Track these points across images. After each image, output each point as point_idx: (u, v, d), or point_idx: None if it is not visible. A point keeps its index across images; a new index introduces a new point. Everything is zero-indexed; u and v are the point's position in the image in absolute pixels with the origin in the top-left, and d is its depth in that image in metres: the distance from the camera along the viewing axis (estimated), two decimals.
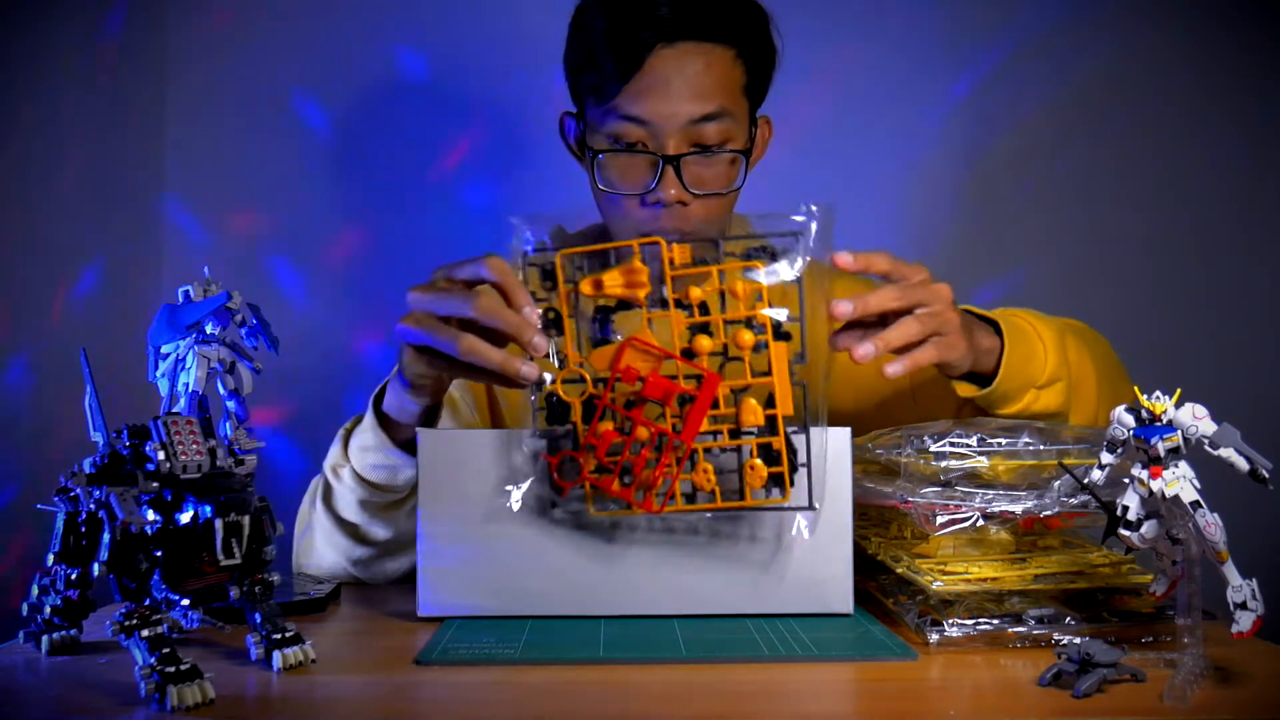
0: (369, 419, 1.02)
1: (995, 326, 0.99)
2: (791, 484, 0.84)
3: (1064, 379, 1.02)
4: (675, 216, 1.11)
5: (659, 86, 1.08)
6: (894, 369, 0.88)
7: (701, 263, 0.86)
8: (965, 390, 1.00)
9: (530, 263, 0.87)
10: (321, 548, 1.08)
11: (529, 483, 0.87)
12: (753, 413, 0.84)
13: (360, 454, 1.02)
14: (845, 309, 0.87)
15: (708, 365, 0.85)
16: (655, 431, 0.84)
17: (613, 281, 0.86)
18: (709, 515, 0.86)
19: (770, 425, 0.84)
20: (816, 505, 0.85)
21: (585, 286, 0.86)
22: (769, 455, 0.84)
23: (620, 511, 0.85)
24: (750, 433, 0.85)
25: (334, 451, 1.06)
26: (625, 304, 0.87)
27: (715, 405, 0.84)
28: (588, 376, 0.86)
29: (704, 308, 0.86)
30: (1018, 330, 1.00)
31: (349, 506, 1.05)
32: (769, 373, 0.84)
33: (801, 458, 0.85)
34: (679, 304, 0.86)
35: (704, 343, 0.85)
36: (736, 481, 0.85)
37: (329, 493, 1.06)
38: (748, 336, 0.84)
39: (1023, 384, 0.99)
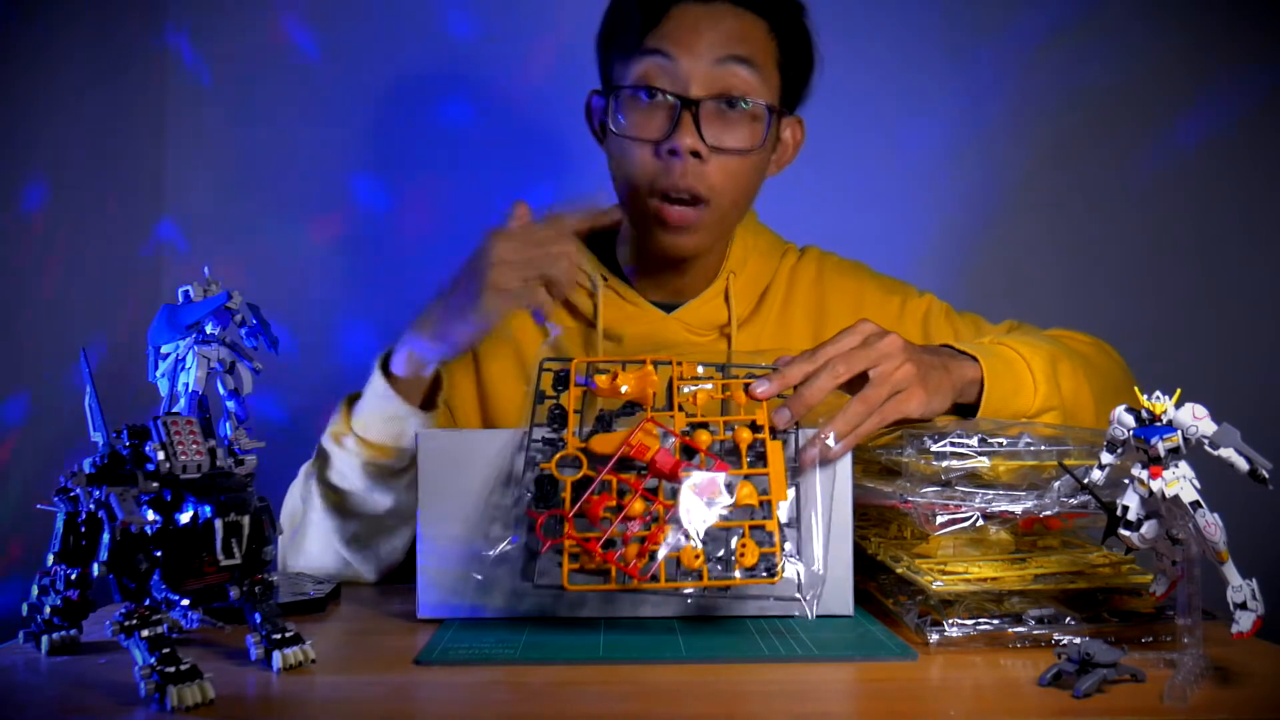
0: (377, 376, 1.02)
1: (977, 362, 0.98)
2: (783, 567, 0.82)
3: (1057, 407, 1.00)
4: (689, 172, 1.07)
5: (688, 27, 1.06)
6: (838, 450, 0.86)
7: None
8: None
9: (546, 368, 0.89)
10: (312, 537, 1.07)
11: (513, 542, 0.84)
12: (748, 492, 0.83)
13: (365, 415, 1.02)
14: (784, 418, 0.87)
15: (704, 460, 0.84)
16: (651, 507, 0.82)
17: (627, 381, 0.88)
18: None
19: (765, 511, 0.83)
20: (805, 597, 0.83)
21: (602, 382, 0.88)
22: (763, 540, 0.83)
23: (598, 587, 0.82)
24: (742, 515, 0.83)
25: (335, 420, 1.05)
26: (630, 408, 0.88)
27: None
28: (584, 459, 0.84)
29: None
30: (1003, 362, 0.99)
31: (351, 473, 1.04)
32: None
33: (790, 548, 0.83)
34: (682, 408, 0.87)
35: (703, 437, 0.85)
36: (724, 551, 0.82)
37: (326, 465, 1.06)
38: (746, 434, 0.85)
39: (1010, 416, 0.98)
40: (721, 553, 0.82)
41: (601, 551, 0.81)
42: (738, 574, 0.81)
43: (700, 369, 0.90)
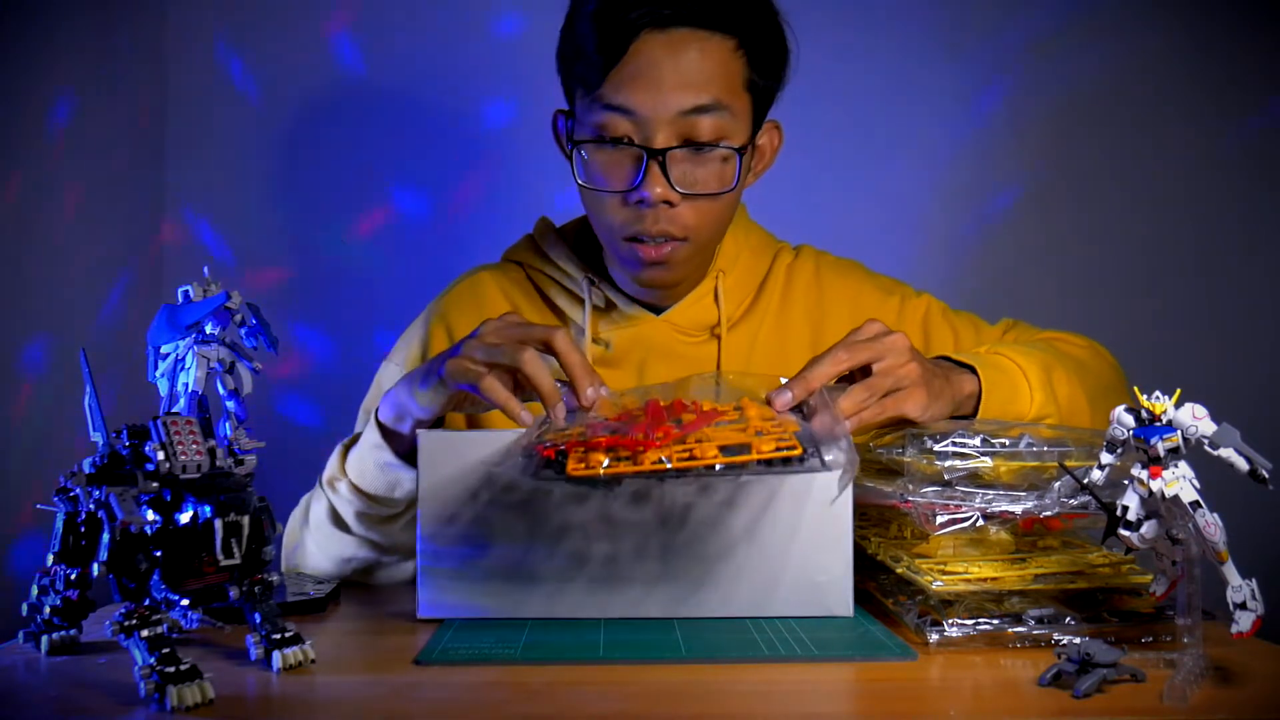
0: (371, 426, 1.01)
1: (974, 371, 0.98)
2: (803, 455, 0.77)
3: (1051, 415, 1.00)
4: (661, 218, 1.05)
5: (647, 74, 1.01)
6: (843, 426, 0.84)
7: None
8: None
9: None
10: (314, 560, 1.08)
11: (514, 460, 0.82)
12: (759, 416, 0.82)
13: (359, 462, 1.01)
14: (785, 399, 0.85)
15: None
16: (648, 425, 0.80)
17: (633, 406, 0.87)
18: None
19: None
20: (828, 462, 0.78)
21: (605, 405, 0.87)
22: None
23: (601, 470, 0.77)
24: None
25: (331, 464, 1.05)
26: None
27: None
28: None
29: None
30: (999, 371, 0.99)
31: (346, 519, 1.04)
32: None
33: (809, 445, 0.78)
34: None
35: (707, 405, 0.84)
36: (741, 450, 0.77)
37: (323, 506, 1.06)
38: (755, 410, 0.84)
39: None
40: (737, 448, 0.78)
41: (606, 446, 0.77)
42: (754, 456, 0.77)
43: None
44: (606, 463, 0.78)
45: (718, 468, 0.77)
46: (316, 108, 1.70)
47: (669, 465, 0.77)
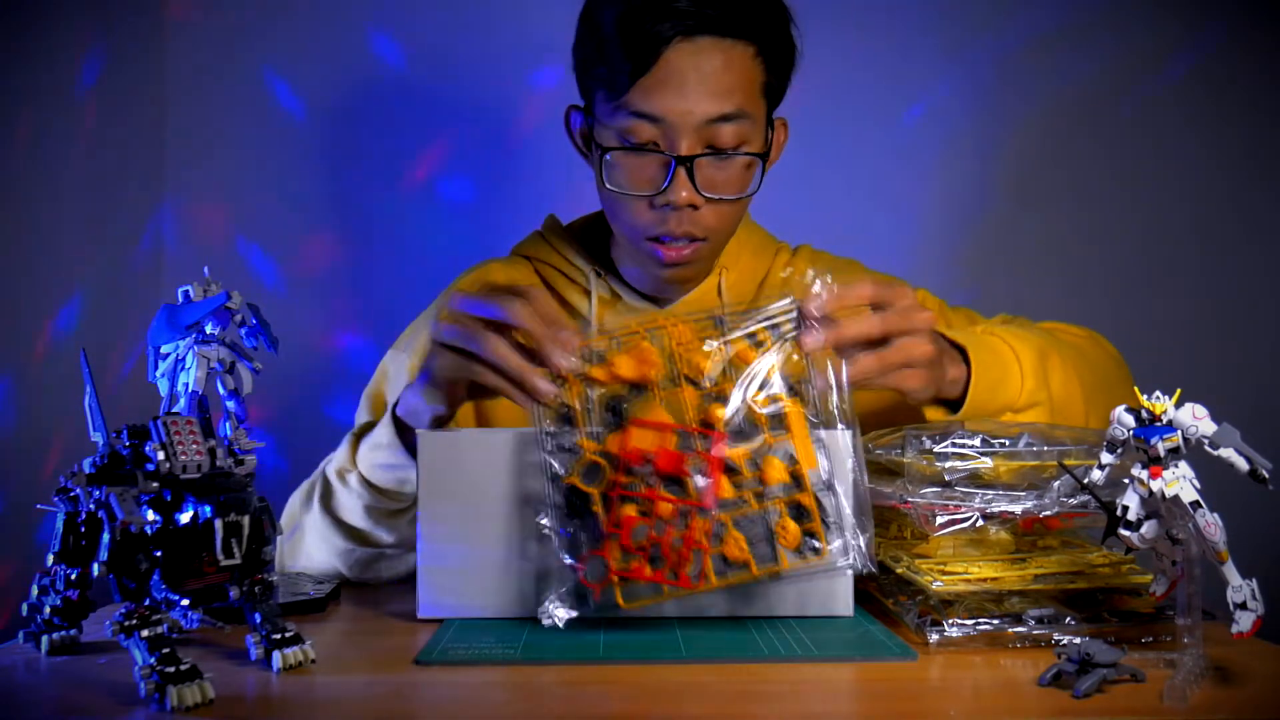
0: (386, 419, 1.01)
1: (964, 354, 0.98)
2: (827, 540, 0.81)
3: (1043, 402, 1.01)
4: (685, 220, 1.08)
5: (674, 82, 1.03)
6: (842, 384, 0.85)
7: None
8: (935, 415, 0.99)
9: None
10: (313, 548, 1.07)
11: (556, 595, 0.82)
12: (777, 469, 0.82)
13: (370, 455, 1.01)
14: (815, 340, 0.84)
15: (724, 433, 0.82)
16: (678, 504, 0.81)
17: (624, 366, 0.85)
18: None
19: (796, 483, 0.82)
20: (860, 567, 0.81)
21: (597, 372, 0.86)
22: (799, 514, 0.82)
23: (653, 599, 0.81)
24: (775, 492, 0.82)
25: (341, 455, 1.05)
26: (638, 388, 0.85)
27: (738, 472, 0.82)
28: (604, 464, 0.82)
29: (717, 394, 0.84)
30: (991, 354, 0.99)
31: (354, 512, 1.04)
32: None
33: (832, 515, 0.82)
34: (689, 380, 0.84)
35: (719, 412, 0.83)
36: (768, 549, 0.81)
37: (329, 496, 1.06)
38: (764, 403, 0.83)
39: (997, 409, 0.98)
40: (762, 535, 0.81)
41: (650, 570, 0.80)
42: (786, 555, 0.81)
43: (701, 340, 0.85)
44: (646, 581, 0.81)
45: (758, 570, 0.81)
46: (320, 103, 1.70)
47: (709, 584, 0.81)
